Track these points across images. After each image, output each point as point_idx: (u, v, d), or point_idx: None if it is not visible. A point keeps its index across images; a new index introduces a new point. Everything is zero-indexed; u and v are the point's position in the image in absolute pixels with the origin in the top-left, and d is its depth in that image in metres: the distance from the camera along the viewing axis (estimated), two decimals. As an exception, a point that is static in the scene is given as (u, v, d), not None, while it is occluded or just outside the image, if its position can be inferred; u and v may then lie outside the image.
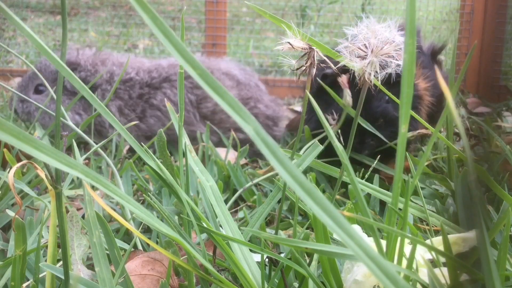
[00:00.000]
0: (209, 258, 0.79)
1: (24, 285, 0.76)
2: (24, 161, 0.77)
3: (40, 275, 0.80)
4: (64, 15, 0.60)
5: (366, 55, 0.68)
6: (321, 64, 0.78)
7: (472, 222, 0.64)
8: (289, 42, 0.70)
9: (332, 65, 0.77)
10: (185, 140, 0.87)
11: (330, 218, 0.40)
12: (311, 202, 0.40)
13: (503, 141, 1.09)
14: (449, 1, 3.14)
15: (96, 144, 1.01)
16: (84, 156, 0.92)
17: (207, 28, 2.79)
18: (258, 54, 3.39)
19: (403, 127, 0.50)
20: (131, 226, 0.63)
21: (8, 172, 0.98)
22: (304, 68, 0.72)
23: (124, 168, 1.31)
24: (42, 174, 0.69)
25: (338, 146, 0.67)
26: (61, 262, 0.79)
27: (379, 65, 0.68)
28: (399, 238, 0.63)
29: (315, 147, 0.83)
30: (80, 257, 0.80)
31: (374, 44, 0.67)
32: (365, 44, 0.68)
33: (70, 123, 1.00)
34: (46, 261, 0.74)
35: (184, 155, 0.87)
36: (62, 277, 0.69)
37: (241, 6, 4.25)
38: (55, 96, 0.69)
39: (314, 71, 0.73)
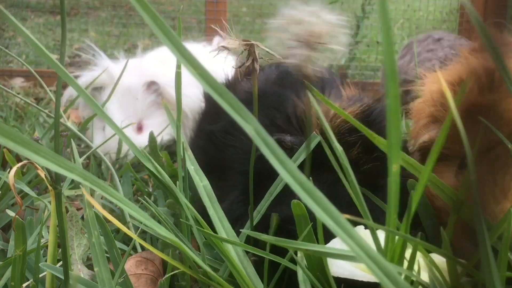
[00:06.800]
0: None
1: (24, 285, 0.76)
2: (24, 162, 0.77)
3: (40, 275, 0.79)
4: (63, 15, 0.60)
5: (301, 46, 0.61)
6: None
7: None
8: (223, 46, 0.65)
9: (278, 56, 0.67)
10: (182, 140, 0.86)
11: (330, 218, 0.40)
12: (311, 202, 0.40)
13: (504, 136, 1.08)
14: (449, 1, 3.14)
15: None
16: (84, 157, 0.92)
17: (207, 28, 2.79)
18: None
19: (394, 166, 0.50)
20: (127, 230, 0.63)
21: (8, 172, 0.98)
22: (247, 65, 0.68)
23: (124, 169, 1.31)
24: (42, 174, 0.69)
25: (338, 147, 0.67)
26: (61, 262, 0.78)
27: (316, 54, 0.61)
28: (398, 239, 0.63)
29: (314, 137, 0.78)
30: (80, 256, 0.80)
31: (304, 33, 0.60)
32: (297, 34, 0.61)
33: (69, 125, 1.00)
34: (46, 261, 0.74)
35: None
36: (62, 277, 0.69)
37: (241, 6, 4.25)
38: (53, 98, 0.69)
39: (258, 66, 0.68)
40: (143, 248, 0.99)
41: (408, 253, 0.61)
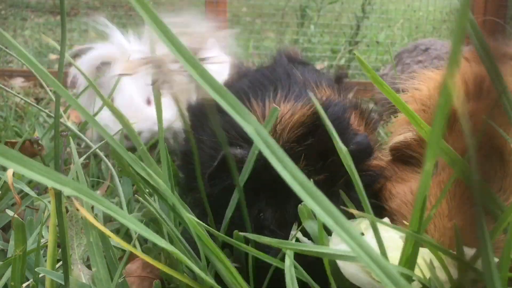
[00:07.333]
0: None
1: (24, 285, 0.76)
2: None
3: (40, 275, 0.79)
4: (63, 15, 0.60)
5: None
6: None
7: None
8: (122, 74, 0.66)
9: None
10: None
11: (331, 218, 0.40)
12: (311, 202, 0.40)
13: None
14: (449, 1, 3.14)
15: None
16: (83, 157, 0.92)
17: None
18: (258, 54, 3.39)
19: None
20: (118, 238, 0.62)
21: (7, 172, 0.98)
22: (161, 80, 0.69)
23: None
24: (42, 174, 0.68)
25: (342, 148, 0.66)
26: (61, 262, 0.78)
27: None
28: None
29: (274, 111, 0.74)
30: (80, 256, 0.80)
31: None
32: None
33: (69, 125, 1.00)
34: (46, 261, 0.73)
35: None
36: (59, 281, 0.69)
37: (241, 6, 4.25)
38: (53, 98, 0.69)
39: (171, 78, 0.69)
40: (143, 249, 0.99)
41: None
